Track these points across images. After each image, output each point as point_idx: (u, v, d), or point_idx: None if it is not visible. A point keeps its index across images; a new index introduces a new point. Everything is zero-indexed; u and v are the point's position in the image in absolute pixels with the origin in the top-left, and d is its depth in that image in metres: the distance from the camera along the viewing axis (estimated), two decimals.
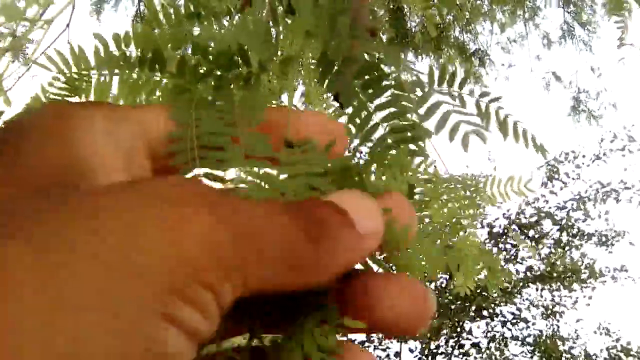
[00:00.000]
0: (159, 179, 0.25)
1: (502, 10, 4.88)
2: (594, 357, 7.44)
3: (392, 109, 0.40)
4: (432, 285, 7.46)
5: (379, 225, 0.28)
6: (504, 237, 7.48)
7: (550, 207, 7.71)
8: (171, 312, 0.21)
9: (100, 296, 0.20)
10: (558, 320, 7.70)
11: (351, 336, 0.30)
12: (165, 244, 0.21)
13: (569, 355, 7.39)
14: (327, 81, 0.40)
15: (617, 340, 7.54)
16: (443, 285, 7.48)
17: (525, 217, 7.63)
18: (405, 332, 0.29)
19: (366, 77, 0.39)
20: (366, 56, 0.40)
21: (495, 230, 7.42)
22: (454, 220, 0.90)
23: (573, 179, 7.80)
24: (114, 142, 0.28)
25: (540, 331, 7.64)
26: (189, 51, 0.39)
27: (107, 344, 0.20)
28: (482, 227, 7.33)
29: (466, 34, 5.06)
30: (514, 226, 7.42)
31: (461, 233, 0.90)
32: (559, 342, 7.45)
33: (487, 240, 7.39)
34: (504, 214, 7.65)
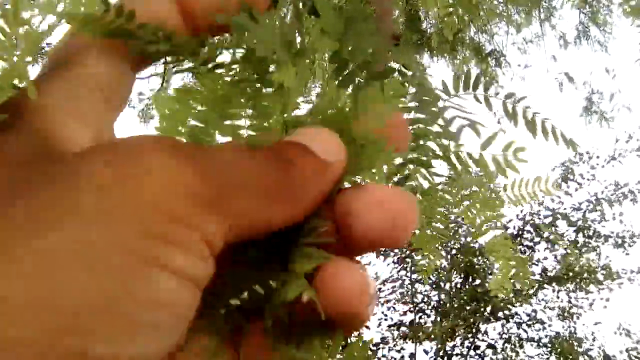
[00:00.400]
0: (119, 138, 0.27)
1: (517, 10, 4.86)
2: (613, 358, 7.37)
3: (419, 115, 0.41)
4: (447, 286, 7.44)
5: (340, 152, 0.28)
6: (518, 238, 7.43)
7: (565, 209, 7.66)
8: (157, 256, 0.22)
9: (81, 245, 0.21)
10: (575, 322, 7.63)
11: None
12: (136, 192, 0.22)
13: (586, 357, 7.33)
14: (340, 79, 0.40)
15: (638, 342, 7.46)
16: (458, 285, 7.45)
17: (539, 218, 7.58)
18: (383, 245, 0.28)
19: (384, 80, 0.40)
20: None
21: (509, 232, 7.37)
22: (478, 221, 0.90)
23: (588, 179, 7.73)
24: (75, 105, 0.28)
25: (557, 333, 7.58)
26: None
27: (92, 289, 0.20)
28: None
29: (482, 35, 5.05)
30: (544, 221, 7.33)
31: (490, 233, 0.90)
32: (576, 344, 7.39)
33: None
34: (517, 215, 7.60)
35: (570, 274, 7.23)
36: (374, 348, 7.35)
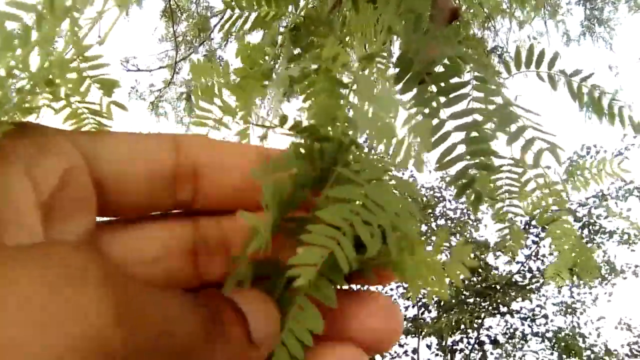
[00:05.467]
0: (47, 245, 0.23)
1: (521, 8, 4.85)
2: (614, 352, 7.39)
3: (467, 119, 0.38)
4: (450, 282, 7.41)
5: (274, 334, 0.27)
6: (525, 232, 7.44)
7: (571, 204, 7.65)
8: None
9: None
10: (578, 317, 7.65)
11: None
12: (45, 327, 0.19)
13: (589, 352, 7.35)
14: (402, 84, 0.38)
15: (639, 336, 7.49)
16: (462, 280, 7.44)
17: (546, 214, 7.55)
18: (379, 347, 0.29)
19: (442, 83, 0.37)
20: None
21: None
22: (539, 209, 0.87)
23: (595, 174, 7.70)
24: (34, 179, 0.25)
25: (560, 328, 7.60)
26: None
27: None
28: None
29: (485, 31, 5.03)
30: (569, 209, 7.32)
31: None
32: (579, 339, 7.41)
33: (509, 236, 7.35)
34: (536, 213, 7.56)
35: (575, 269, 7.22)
36: None
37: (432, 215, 7.35)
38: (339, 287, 0.28)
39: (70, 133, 0.27)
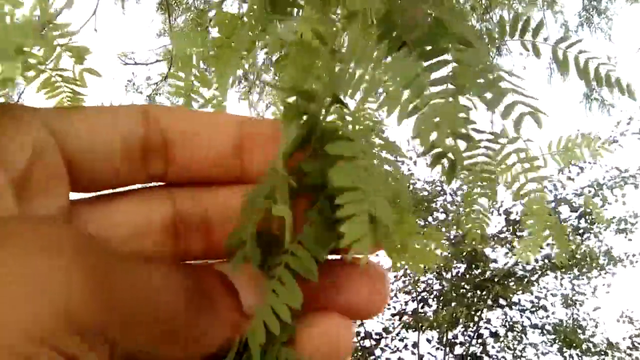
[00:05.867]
0: (19, 218, 0.23)
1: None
2: (616, 345, 7.40)
3: (450, 85, 0.35)
4: (449, 275, 7.46)
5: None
6: (519, 224, 7.44)
7: (567, 194, 7.66)
8: None
9: None
10: (578, 309, 7.67)
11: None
12: (13, 301, 0.19)
13: (590, 344, 7.36)
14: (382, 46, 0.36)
15: None
16: (460, 274, 7.47)
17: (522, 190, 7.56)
18: (365, 314, 0.29)
19: (425, 47, 0.36)
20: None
21: (512, 217, 7.39)
22: (516, 184, 0.87)
23: (590, 163, 7.73)
24: (3, 158, 0.24)
25: (560, 320, 7.62)
26: None
27: None
28: (499, 214, 7.29)
29: (484, 23, 5.02)
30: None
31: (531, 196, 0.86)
32: (579, 331, 7.42)
33: (505, 228, 7.36)
34: (521, 201, 7.59)
35: (575, 259, 7.24)
36: (377, 337, 7.38)
37: (431, 208, 7.35)
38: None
39: (37, 110, 0.27)
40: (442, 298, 7.43)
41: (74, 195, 0.28)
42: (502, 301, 7.56)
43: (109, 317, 0.20)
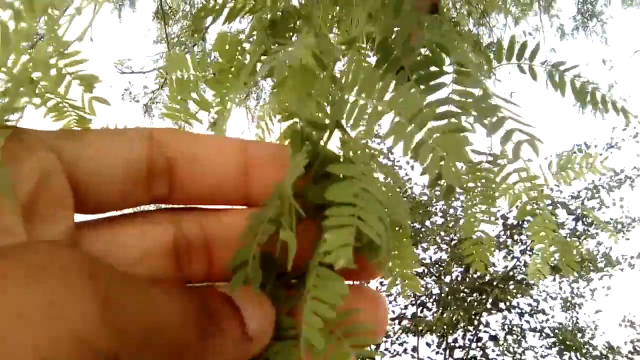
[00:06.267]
0: (30, 245, 0.23)
1: (516, 3, 4.86)
2: (617, 349, 7.38)
3: (443, 109, 0.35)
4: (448, 278, 7.44)
5: (269, 329, 0.27)
6: (519, 227, 7.44)
7: (564, 197, 7.66)
8: None
9: None
10: (577, 312, 7.65)
11: None
12: (29, 326, 0.19)
13: (589, 347, 7.35)
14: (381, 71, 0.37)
15: None
16: (459, 278, 7.46)
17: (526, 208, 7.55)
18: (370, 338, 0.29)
19: (421, 71, 0.37)
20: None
21: (509, 222, 7.39)
22: (519, 203, 0.88)
23: (586, 167, 7.69)
24: (11, 182, 0.25)
25: (560, 323, 7.60)
26: None
27: None
28: (497, 219, 7.28)
29: (480, 27, 5.04)
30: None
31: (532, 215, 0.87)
32: (579, 334, 7.40)
33: (502, 233, 7.36)
34: (517, 206, 7.58)
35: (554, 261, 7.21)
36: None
37: (430, 212, 7.35)
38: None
39: (44, 134, 0.27)
40: (441, 302, 7.42)
41: (78, 217, 0.28)
42: (501, 304, 7.55)
43: (121, 340, 0.21)
